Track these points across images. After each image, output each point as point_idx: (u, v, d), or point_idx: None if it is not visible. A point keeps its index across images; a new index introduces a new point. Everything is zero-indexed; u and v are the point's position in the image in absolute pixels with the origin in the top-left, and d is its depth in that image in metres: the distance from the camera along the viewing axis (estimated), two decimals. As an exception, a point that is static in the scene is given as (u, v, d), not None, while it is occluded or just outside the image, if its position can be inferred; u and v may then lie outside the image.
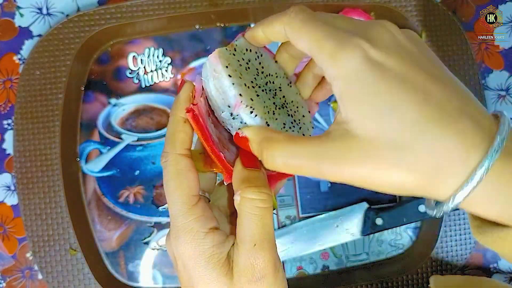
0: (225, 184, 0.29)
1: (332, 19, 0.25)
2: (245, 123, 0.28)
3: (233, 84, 0.27)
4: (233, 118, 0.28)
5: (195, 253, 0.27)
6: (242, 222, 0.27)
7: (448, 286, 0.49)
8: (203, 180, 0.30)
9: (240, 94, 0.27)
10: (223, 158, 0.28)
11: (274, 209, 0.30)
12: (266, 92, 0.30)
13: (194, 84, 0.30)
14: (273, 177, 0.30)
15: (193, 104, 0.28)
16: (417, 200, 0.52)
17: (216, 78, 0.28)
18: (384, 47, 0.23)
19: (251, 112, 0.27)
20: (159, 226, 0.54)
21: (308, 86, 0.32)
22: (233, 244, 0.28)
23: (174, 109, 0.29)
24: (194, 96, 0.29)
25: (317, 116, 0.55)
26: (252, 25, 0.56)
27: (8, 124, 0.55)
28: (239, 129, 0.28)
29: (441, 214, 0.24)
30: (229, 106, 0.28)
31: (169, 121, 0.29)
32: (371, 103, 0.22)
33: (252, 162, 0.28)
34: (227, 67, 0.27)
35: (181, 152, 0.28)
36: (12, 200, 0.55)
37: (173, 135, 0.28)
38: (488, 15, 0.55)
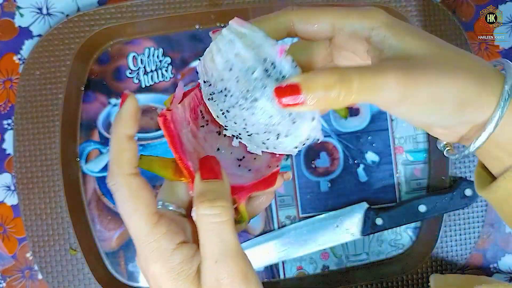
0: (191, 195, 0.29)
1: None
2: (283, 76, 0.26)
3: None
4: (268, 76, 0.26)
5: (164, 271, 0.26)
6: (201, 239, 0.26)
7: (448, 285, 0.49)
8: (179, 194, 0.30)
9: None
10: (189, 167, 0.27)
11: (243, 221, 0.29)
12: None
13: (175, 92, 0.29)
14: (246, 189, 0.29)
15: (167, 110, 0.28)
16: (417, 200, 0.52)
17: (245, 35, 0.26)
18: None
19: (293, 61, 0.26)
20: (159, 226, 0.54)
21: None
22: None
23: (116, 127, 0.27)
24: (172, 102, 0.28)
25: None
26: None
27: (8, 124, 0.55)
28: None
29: (490, 133, 0.26)
30: (265, 60, 0.26)
31: (112, 140, 0.27)
32: (414, 35, 0.26)
33: (211, 172, 0.27)
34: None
35: (130, 172, 0.27)
36: (12, 200, 0.55)
37: (118, 155, 0.27)
38: (488, 15, 0.55)
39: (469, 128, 0.28)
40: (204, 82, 0.28)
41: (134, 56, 0.55)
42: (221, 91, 0.27)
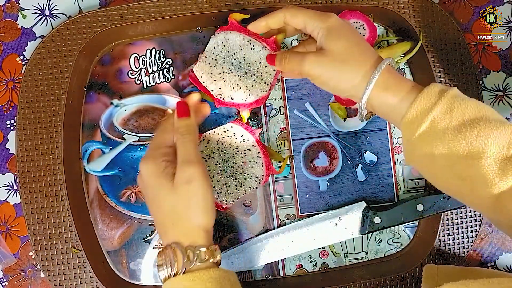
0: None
1: None
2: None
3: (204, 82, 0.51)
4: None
5: (153, 169, 0.44)
6: (177, 150, 0.45)
7: (439, 275, 0.49)
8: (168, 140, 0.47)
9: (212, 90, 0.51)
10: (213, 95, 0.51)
11: (243, 119, 0.52)
12: (231, 70, 0.51)
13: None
14: (247, 105, 0.51)
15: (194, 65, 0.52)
16: (415, 199, 0.53)
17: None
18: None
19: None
20: (160, 225, 0.55)
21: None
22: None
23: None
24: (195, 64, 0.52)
25: (316, 117, 0.55)
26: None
27: (11, 124, 0.56)
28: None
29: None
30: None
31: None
32: (338, 37, 0.43)
33: (183, 113, 0.46)
34: (201, 76, 0.51)
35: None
36: (14, 199, 0.55)
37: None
38: (488, 15, 0.56)
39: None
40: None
41: (135, 57, 0.56)
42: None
